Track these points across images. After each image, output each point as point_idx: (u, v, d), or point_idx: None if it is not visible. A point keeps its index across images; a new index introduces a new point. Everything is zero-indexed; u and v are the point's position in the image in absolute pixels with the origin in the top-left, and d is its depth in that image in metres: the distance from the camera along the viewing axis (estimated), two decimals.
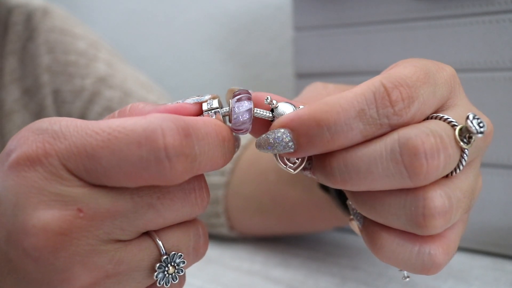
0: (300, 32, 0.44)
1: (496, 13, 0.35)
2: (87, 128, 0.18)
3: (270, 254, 0.40)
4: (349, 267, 0.37)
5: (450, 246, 0.20)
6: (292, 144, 0.20)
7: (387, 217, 0.20)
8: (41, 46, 0.44)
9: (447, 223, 0.19)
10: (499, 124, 0.36)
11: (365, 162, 0.19)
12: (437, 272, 0.20)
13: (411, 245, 0.20)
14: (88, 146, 0.18)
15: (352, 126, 0.18)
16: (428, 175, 0.18)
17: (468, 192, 0.20)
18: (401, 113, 0.19)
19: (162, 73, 0.79)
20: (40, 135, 0.19)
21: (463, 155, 0.19)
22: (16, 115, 0.44)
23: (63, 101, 0.44)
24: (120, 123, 0.18)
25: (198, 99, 0.22)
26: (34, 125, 0.19)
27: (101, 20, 0.86)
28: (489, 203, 0.37)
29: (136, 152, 0.17)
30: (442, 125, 0.19)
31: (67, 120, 0.19)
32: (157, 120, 0.18)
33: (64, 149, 0.18)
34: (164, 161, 0.18)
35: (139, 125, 0.18)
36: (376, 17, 0.40)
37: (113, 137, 0.18)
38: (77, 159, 0.18)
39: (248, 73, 0.69)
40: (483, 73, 0.36)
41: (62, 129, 0.19)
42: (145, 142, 0.17)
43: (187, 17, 0.74)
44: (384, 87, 0.19)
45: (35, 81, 0.44)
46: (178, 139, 0.18)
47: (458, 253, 0.39)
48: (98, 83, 0.44)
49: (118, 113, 0.21)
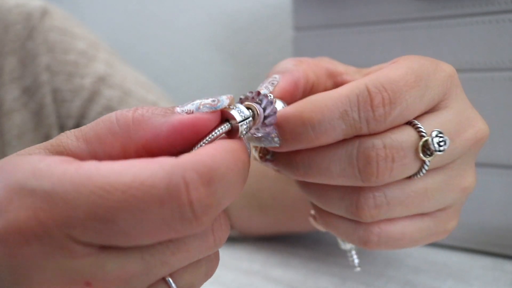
0: (300, 32, 0.44)
1: (496, 13, 0.35)
2: (93, 185, 0.15)
3: (270, 254, 0.40)
4: (349, 267, 0.37)
5: (384, 232, 0.22)
6: (278, 139, 0.21)
7: (330, 206, 0.23)
8: (41, 45, 0.44)
9: (380, 215, 0.21)
10: (499, 124, 0.36)
11: (326, 161, 0.21)
12: (372, 247, 0.23)
13: (350, 223, 0.23)
14: (99, 209, 0.15)
15: (335, 126, 0.20)
16: (378, 180, 0.20)
17: (427, 193, 0.22)
18: (380, 118, 0.20)
19: (162, 73, 0.79)
20: (28, 198, 0.15)
21: (423, 165, 0.21)
22: (15, 114, 0.44)
23: (62, 100, 0.44)
24: (134, 176, 0.15)
25: (213, 105, 0.19)
26: (12, 178, 0.16)
27: (101, 20, 0.86)
28: (489, 203, 0.37)
29: (158, 211, 0.15)
30: (408, 135, 0.20)
31: (55, 169, 0.15)
32: (179, 171, 0.15)
33: (67, 217, 0.15)
34: (190, 217, 0.16)
35: (159, 180, 0.15)
36: (376, 17, 0.40)
37: (130, 196, 0.15)
38: (85, 224, 0.15)
39: (248, 73, 0.69)
40: (483, 73, 0.36)
41: (55, 189, 0.15)
42: (168, 200, 0.15)
43: (187, 17, 0.75)
44: (368, 91, 0.19)
45: (35, 80, 0.44)
46: (202, 191, 0.16)
47: (458, 253, 0.39)
48: (97, 82, 0.44)
49: (118, 122, 0.18)
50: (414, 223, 0.23)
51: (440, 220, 0.24)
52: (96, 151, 0.18)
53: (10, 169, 0.16)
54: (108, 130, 0.18)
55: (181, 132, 0.18)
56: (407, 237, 0.23)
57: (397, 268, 0.36)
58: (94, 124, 0.18)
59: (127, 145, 0.18)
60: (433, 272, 0.35)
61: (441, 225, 0.24)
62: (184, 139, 0.18)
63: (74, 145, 0.18)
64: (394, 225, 0.23)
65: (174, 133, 0.18)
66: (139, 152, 0.18)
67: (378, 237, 0.22)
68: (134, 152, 0.18)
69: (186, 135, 0.18)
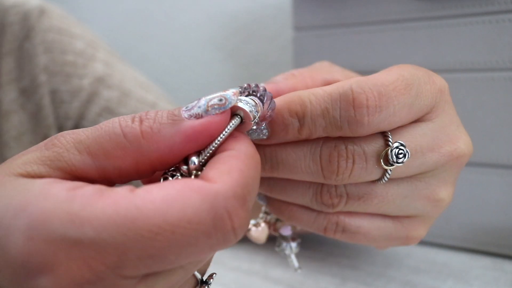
0: (300, 32, 0.44)
1: (496, 13, 0.35)
2: (139, 228, 0.15)
3: (270, 254, 0.40)
4: (349, 267, 0.37)
5: (342, 221, 0.23)
6: (266, 131, 0.21)
7: (294, 197, 0.24)
8: (38, 46, 0.44)
9: (340, 205, 0.23)
10: (499, 124, 0.36)
11: (293, 157, 0.22)
12: (330, 234, 0.24)
13: (311, 213, 0.24)
14: (150, 249, 0.15)
15: (316, 122, 0.20)
16: (338, 178, 0.21)
17: (387, 197, 0.23)
18: (362, 120, 0.19)
19: (162, 73, 0.79)
20: (75, 249, 0.15)
21: (386, 173, 0.21)
22: (13, 115, 0.43)
23: (60, 101, 0.44)
24: (179, 215, 0.15)
25: (222, 105, 0.18)
26: (48, 228, 0.15)
27: (101, 20, 0.86)
28: (489, 203, 0.37)
29: (205, 242, 0.16)
30: (374, 142, 0.21)
31: (92, 211, 0.15)
32: (221, 203, 0.16)
33: (118, 261, 0.15)
34: (232, 239, 0.16)
35: (205, 216, 0.15)
36: (376, 17, 0.40)
37: (179, 234, 0.15)
38: (137, 264, 0.15)
39: (248, 73, 0.69)
40: (483, 73, 0.36)
41: (101, 236, 0.15)
42: (214, 232, 0.16)
43: (187, 17, 0.74)
44: (352, 90, 0.19)
45: (33, 81, 0.44)
46: (242, 215, 0.16)
47: (458, 253, 0.39)
48: (96, 83, 0.44)
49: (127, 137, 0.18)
50: (373, 221, 0.24)
51: (403, 225, 0.24)
52: (104, 166, 0.18)
53: (40, 216, 0.15)
54: (116, 145, 0.17)
55: (196, 140, 0.18)
56: (363, 232, 0.24)
57: (397, 268, 0.36)
58: (96, 136, 0.18)
59: (140, 160, 0.18)
60: (433, 272, 0.35)
61: (403, 230, 0.24)
62: (199, 145, 0.18)
63: (78, 160, 0.18)
64: (353, 218, 0.24)
65: (189, 142, 0.18)
66: (153, 164, 0.18)
67: (336, 225, 0.24)
68: (148, 165, 0.18)
69: (200, 141, 0.18)
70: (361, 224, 0.24)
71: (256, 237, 0.29)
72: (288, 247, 0.28)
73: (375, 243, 0.25)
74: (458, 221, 0.39)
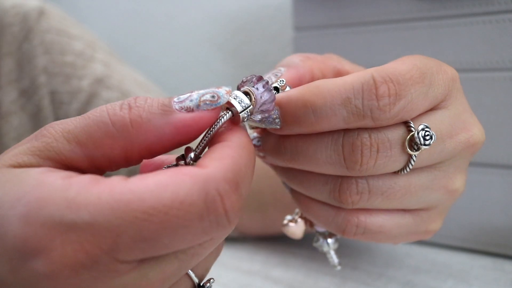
0: (300, 32, 0.44)
1: (496, 13, 0.35)
2: (134, 210, 0.15)
3: (270, 254, 0.40)
4: (349, 267, 0.37)
5: (363, 222, 0.23)
6: (278, 121, 0.21)
7: (312, 192, 0.23)
8: (38, 47, 0.44)
9: (361, 203, 0.22)
10: (499, 124, 0.36)
11: (313, 147, 0.21)
12: (350, 235, 0.23)
13: (330, 209, 0.23)
14: (145, 231, 0.15)
15: (336, 112, 0.20)
16: (362, 168, 0.20)
17: (410, 189, 0.22)
18: (385, 108, 0.19)
19: (162, 73, 0.79)
20: (71, 233, 0.15)
21: (410, 160, 0.21)
22: (13, 117, 0.43)
23: (60, 102, 0.44)
24: (172, 197, 0.15)
25: (214, 102, 0.19)
26: (44, 213, 0.15)
27: (101, 20, 0.86)
28: (489, 203, 0.37)
29: (198, 224, 0.16)
30: (397, 129, 0.21)
31: (88, 197, 0.15)
32: (213, 185, 0.16)
33: (113, 243, 0.15)
34: (225, 223, 0.17)
35: (196, 197, 0.16)
36: (376, 17, 0.40)
37: (172, 216, 0.15)
38: (131, 247, 0.15)
39: (248, 73, 0.69)
40: (483, 73, 0.36)
41: (97, 219, 0.15)
42: (206, 213, 0.16)
43: (187, 17, 0.74)
44: (374, 80, 0.19)
45: (32, 82, 0.44)
46: (234, 198, 0.17)
47: (458, 253, 0.39)
48: (95, 84, 0.44)
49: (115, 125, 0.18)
50: (393, 218, 0.23)
51: (422, 219, 0.24)
52: (93, 155, 0.18)
53: (37, 203, 0.15)
54: (104, 134, 0.18)
55: (185, 132, 0.18)
56: (385, 231, 0.23)
57: (397, 268, 0.36)
58: (84, 125, 0.18)
59: (129, 148, 0.18)
60: (434, 272, 0.35)
61: (423, 224, 0.24)
62: (188, 138, 0.18)
63: (67, 149, 0.18)
64: (373, 217, 0.23)
65: (178, 134, 0.18)
66: (141, 153, 0.18)
67: (356, 227, 0.23)
68: (137, 153, 0.18)
69: (190, 134, 0.18)
70: (382, 223, 0.23)
71: (292, 232, 0.28)
72: (325, 244, 0.27)
73: (394, 240, 0.24)
74: (458, 221, 0.39)
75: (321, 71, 0.26)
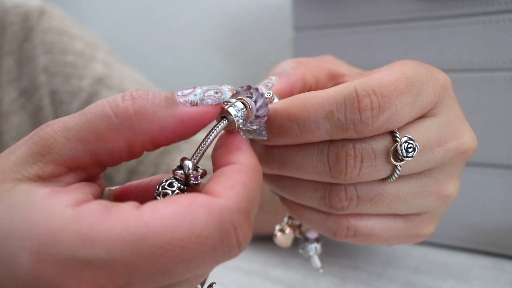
0: (300, 32, 0.44)
1: (496, 13, 0.35)
2: (150, 246, 0.15)
3: (270, 254, 0.40)
4: (349, 267, 0.37)
5: (353, 225, 0.23)
6: (265, 132, 0.22)
7: (303, 199, 0.24)
8: (38, 46, 0.44)
9: (350, 208, 0.22)
10: (499, 124, 0.36)
11: (300, 157, 0.22)
12: (341, 238, 0.24)
13: (321, 214, 0.24)
14: (161, 265, 0.15)
15: (320, 125, 0.20)
16: (347, 177, 0.21)
17: (399, 196, 0.22)
18: (367, 121, 0.20)
19: (162, 73, 0.79)
20: (85, 270, 0.15)
21: (395, 169, 0.21)
22: (13, 116, 0.44)
23: (60, 102, 0.44)
24: (188, 231, 0.15)
25: (217, 98, 0.19)
26: (57, 250, 0.15)
27: (101, 20, 0.86)
28: (489, 203, 0.37)
29: (212, 255, 0.16)
30: (382, 139, 0.21)
31: (102, 231, 0.15)
32: (227, 217, 0.16)
33: (129, 278, 0.15)
34: (237, 252, 0.17)
35: (212, 231, 0.16)
36: (376, 17, 0.40)
37: (188, 250, 0.15)
38: (147, 280, 0.15)
39: (248, 73, 0.69)
40: (483, 73, 0.36)
41: (112, 255, 0.15)
42: (221, 246, 0.16)
43: (187, 17, 0.74)
44: (356, 93, 0.20)
45: (32, 82, 0.44)
46: (246, 228, 0.17)
47: (458, 253, 0.39)
48: (95, 83, 0.44)
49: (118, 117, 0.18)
50: (384, 222, 0.24)
51: (414, 224, 0.24)
52: (96, 149, 0.18)
53: (47, 237, 0.15)
54: (107, 126, 0.17)
55: (189, 125, 0.18)
56: (375, 234, 0.23)
57: (397, 268, 0.36)
58: (86, 121, 0.18)
59: (132, 140, 0.18)
60: (434, 272, 0.35)
61: (414, 228, 0.24)
62: (191, 131, 0.19)
63: (69, 148, 0.17)
64: (364, 220, 0.23)
65: (182, 127, 0.18)
66: (145, 145, 0.18)
67: (347, 230, 0.23)
68: (140, 146, 0.18)
69: (193, 127, 0.19)
70: (372, 226, 0.23)
71: (282, 242, 0.29)
72: (313, 249, 0.28)
73: (385, 243, 0.25)
74: (458, 221, 0.39)
75: (314, 76, 0.26)
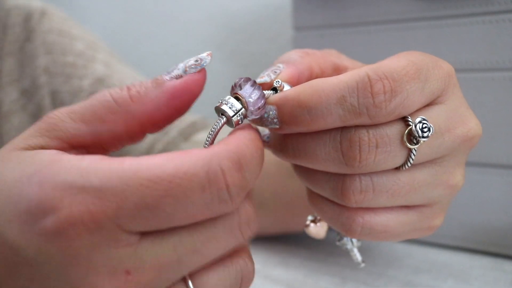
0: (300, 32, 0.44)
1: (496, 13, 0.35)
2: (140, 177, 0.16)
3: (270, 254, 0.40)
4: (349, 267, 0.37)
5: (368, 222, 0.23)
6: (277, 120, 0.22)
7: (317, 187, 0.24)
8: (39, 47, 0.44)
9: (365, 201, 0.22)
10: (499, 124, 0.36)
11: (313, 144, 0.21)
12: (354, 235, 0.23)
13: (335, 207, 0.23)
14: (148, 198, 0.16)
15: (332, 111, 0.20)
16: (361, 164, 0.20)
17: (414, 185, 0.22)
18: (381, 105, 0.20)
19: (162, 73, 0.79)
20: (79, 195, 0.16)
21: (410, 154, 0.21)
22: (14, 116, 0.44)
23: (61, 102, 0.44)
24: (177, 167, 0.17)
25: (198, 65, 0.21)
26: (57, 177, 0.17)
27: (101, 20, 0.86)
28: (489, 203, 0.37)
29: (200, 195, 0.17)
30: (397, 125, 0.21)
31: (99, 166, 0.17)
32: (215, 160, 0.17)
33: (117, 208, 0.16)
34: (227, 199, 0.17)
35: (199, 169, 0.17)
36: (376, 17, 0.40)
37: (176, 184, 0.16)
38: (134, 214, 0.16)
39: (248, 73, 0.69)
40: (483, 73, 0.36)
41: (105, 184, 0.16)
42: (208, 185, 0.17)
43: (187, 17, 0.74)
44: (369, 78, 0.20)
45: (33, 82, 0.44)
46: (236, 176, 0.17)
47: (458, 253, 0.39)
48: (96, 84, 0.44)
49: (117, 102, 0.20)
50: (398, 216, 0.23)
51: (425, 215, 0.24)
52: (98, 130, 0.20)
53: (51, 170, 0.17)
54: (108, 110, 0.19)
55: (180, 97, 0.20)
56: (390, 230, 0.23)
57: (397, 268, 0.36)
58: (89, 105, 0.20)
59: (130, 121, 0.20)
60: (434, 272, 0.35)
61: (426, 221, 0.24)
62: (183, 102, 0.20)
63: (73, 127, 0.19)
64: (378, 216, 0.23)
65: (173, 99, 0.20)
66: (143, 125, 0.20)
67: (361, 227, 0.23)
68: (139, 126, 0.20)
69: (184, 98, 0.20)
70: (387, 221, 0.23)
71: (315, 233, 0.28)
72: (349, 242, 0.27)
73: (398, 238, 0.25)
74: (458, 221, 0.39)
75: (320, 67, 0.26)
